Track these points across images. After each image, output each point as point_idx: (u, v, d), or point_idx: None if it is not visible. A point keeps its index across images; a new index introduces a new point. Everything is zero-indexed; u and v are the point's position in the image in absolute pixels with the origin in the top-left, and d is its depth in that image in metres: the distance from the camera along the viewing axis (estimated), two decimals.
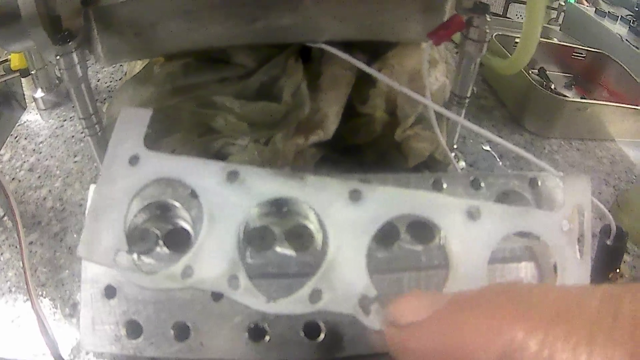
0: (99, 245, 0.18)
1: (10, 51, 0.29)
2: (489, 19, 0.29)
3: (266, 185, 0.19)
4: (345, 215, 0.18)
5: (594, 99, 0.51)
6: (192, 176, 0.19)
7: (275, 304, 0.17)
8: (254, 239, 0.22)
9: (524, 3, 0.94)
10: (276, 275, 0.21)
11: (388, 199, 0.19)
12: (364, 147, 0.32)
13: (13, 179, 0.38)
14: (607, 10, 0.62)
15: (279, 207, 0.22)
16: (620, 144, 0.46)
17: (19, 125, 0.43)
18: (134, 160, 0.19)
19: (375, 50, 0.32)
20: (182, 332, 0.21)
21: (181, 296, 0.22)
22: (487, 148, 0.38)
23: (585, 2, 0.92)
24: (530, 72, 0.47)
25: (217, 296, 0.21)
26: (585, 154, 0.43)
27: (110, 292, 0.22)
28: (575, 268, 0.19)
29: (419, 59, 0.32)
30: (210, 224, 0.18)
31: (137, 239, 0.22)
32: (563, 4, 0.90)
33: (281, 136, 0.29)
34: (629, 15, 0.70)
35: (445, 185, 0.23)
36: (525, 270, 0.24)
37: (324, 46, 0.30)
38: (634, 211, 0.37)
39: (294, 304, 0.17)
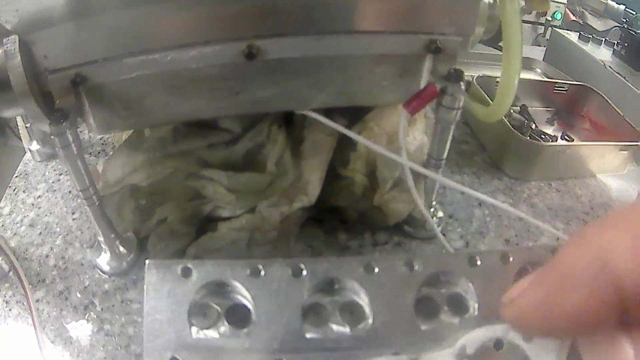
0: None
1: (3, 117, 0.30)
2: (463, 87, 0.30)
3: None
4: None
5: (576, 132, 0.52)
6: None
7: None
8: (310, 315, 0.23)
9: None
10: (331, 349, 0.22)
11: None
12: (347, 206, 0.33)
13: (15, 234, 0.39)
14: (591, 35, 0.63)
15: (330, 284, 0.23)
16: (602, 178, 0.47)
17: (16, 176, 0.45)
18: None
19: (354, 114, 0.34)
20: None
21: None
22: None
23: (572, 16, 0.93)
24: (511, 110, 0.48)
25: None
26: (564, 194, 0.44)
27: None
28: None
29: (396, 120, 0.33)
30: None
31: (199, 315, 0.23)
32: (550, 19, 0.91)
33: (266, 204, 0.30)
34: (616, 27, 0.71)
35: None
36: None
37: (306, 112, 0.31)
38: None
39: None
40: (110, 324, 0.32)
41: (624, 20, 0.71)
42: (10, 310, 0.34)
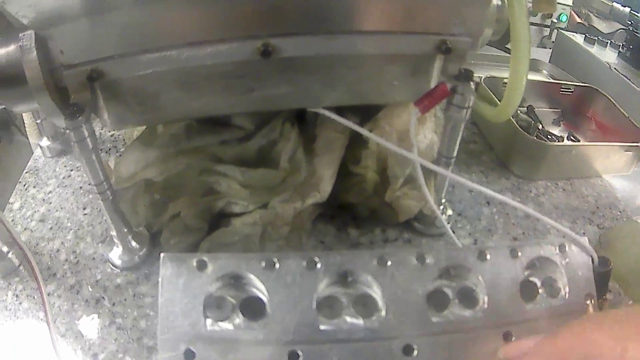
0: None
1: (16, 111, 0.30)
2: (472, 86, 0.31)
3: None
4: None
5: (582, 133, 0.52)
6: None
7: None
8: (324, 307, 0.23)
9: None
10: (344, 341, 0.23)
11: None
12: (358, 203, 0.34)
13: (25, 229, 0.39)
14: (596, 37, 0.63)
15: (344, 277, 0.23)
16: (607, 179, 0.48)
17: (26, 172, 0.45)
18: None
19: (366, 112, 0.34)
20: None
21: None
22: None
23: (577, 19, 0.94)
24: (518, 110, 0.49)
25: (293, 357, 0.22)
26: (570, 194, 0.45)
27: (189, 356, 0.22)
28: None
29: (407, 118, 0.34)
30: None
31: (213, 307, 0.23)
32: (555, 21, 0.91)
33: (279, 200, 0.31)
34: (621, 29, 0.72)
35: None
36: None
37: (319, 110, 0.31)
38: (615, 250, 0.39)
39: None
40: (122, 318, 0.32)
41: (629, 23, 0.71)
42: (20, 304, 0.34)
